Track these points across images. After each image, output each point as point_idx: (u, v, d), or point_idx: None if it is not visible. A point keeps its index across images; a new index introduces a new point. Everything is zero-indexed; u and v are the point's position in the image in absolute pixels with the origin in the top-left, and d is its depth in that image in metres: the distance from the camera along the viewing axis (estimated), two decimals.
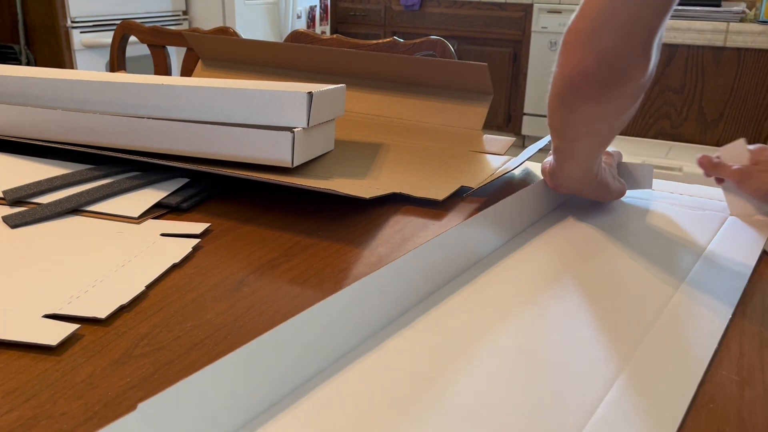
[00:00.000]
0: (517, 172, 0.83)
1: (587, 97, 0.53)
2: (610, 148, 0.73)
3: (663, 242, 0.62)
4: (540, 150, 0.77)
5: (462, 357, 0.43)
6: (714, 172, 0.70)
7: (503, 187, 0.77)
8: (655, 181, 0.79)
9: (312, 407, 0.38)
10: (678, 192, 0.77)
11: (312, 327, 0.41)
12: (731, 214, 0.69)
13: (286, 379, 0.39)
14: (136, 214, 0.64)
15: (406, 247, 0.60)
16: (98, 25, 2.59)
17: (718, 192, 0.73)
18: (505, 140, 0.89)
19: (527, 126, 3.55)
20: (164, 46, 1.39)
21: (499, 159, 0.83)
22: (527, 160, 0.77)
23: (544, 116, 0.65)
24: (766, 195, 0.66)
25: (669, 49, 1.86)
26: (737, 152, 0.69)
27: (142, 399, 0.38)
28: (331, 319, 0.43)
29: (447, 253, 0.53)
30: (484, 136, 0.89)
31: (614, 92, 0.52)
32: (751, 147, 0.70)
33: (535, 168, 0.84)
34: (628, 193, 0.75)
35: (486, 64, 0.88)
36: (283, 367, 0.39)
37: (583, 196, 0.70)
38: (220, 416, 0.35)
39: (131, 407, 0.37)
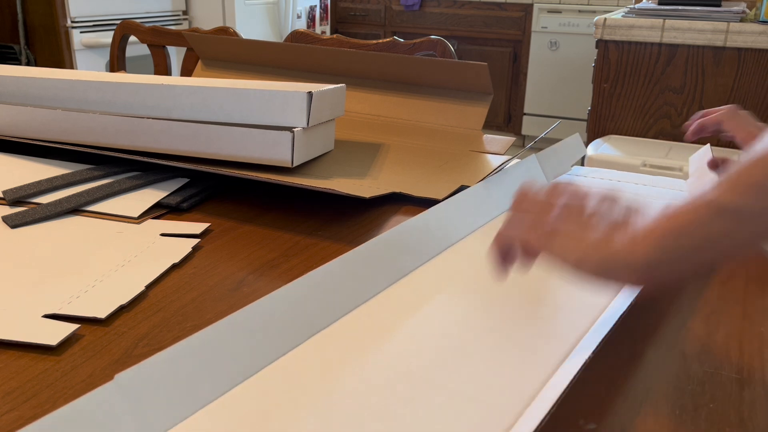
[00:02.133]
0: None
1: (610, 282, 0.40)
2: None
3: None
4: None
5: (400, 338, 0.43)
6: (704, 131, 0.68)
7: None
8: (658, 179, 0.80)
9: (279, 379, 0.40)
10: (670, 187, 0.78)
11: (280, 307, 0.43)
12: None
13: (258, 357, 0.41)
14: (136, 214, 0.64)
15: None
16: (98, 25, 2.59)
17: None
18: (505, 140, 0.89)
19: (527, 126, 3.54)
20: (164, 46, 1.39)
21: (499, 159, 0.83)
22: None
23: (544, 116, 0.65)
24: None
25: (669, 49, 1.86)
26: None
27: None
28: (297, 302, 0.44)
29: (400, 247, 0.54)
30: (484, 135, 0.89)
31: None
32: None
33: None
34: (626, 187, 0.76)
35: (486, 64, 0.88)
36: (254, 345, 0.40)
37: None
38: (196, 387, 0.36)
39: None
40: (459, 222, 0.61)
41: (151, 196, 0.68)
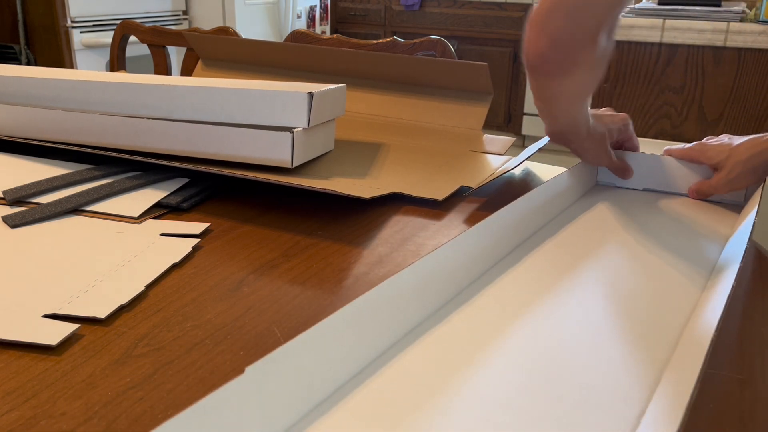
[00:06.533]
0: (517, 171, 0.83)
1: (545, 74, 0.59)
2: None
3: (684, 237, 0.64)
4: (540, 150, 0.77)
5: (475, 360, 0.43)
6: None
7: (503, 187, 0.77)
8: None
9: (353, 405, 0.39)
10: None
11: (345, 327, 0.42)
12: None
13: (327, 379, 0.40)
14: (136, 214, 0.64)
15: (407, 247, 0.60)
16: (98, 25, 2.59)
17: None
18: (505, 140, 0.89)
19: (527, 126, 3.54)
20: (164, 46, 1.39)
21: (499, 159, 0.83)
22: (527, 159, 0.77)
23: None
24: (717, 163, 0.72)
25: (669, 49, 1.86)
26: None
27: (142, 399, 0.38)
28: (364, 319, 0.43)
29: (465, 255, 0.53)
30: (484, 136, 0.89)
31: (568, 71, 0.57)
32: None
33: (535, 167, 0.84)
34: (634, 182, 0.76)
35: (486, 64, 0.88)
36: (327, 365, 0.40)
37: (574, 151, 0.73)
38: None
39: (131, 407, 0.37)
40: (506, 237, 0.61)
41: (151, 196, 0.68)
